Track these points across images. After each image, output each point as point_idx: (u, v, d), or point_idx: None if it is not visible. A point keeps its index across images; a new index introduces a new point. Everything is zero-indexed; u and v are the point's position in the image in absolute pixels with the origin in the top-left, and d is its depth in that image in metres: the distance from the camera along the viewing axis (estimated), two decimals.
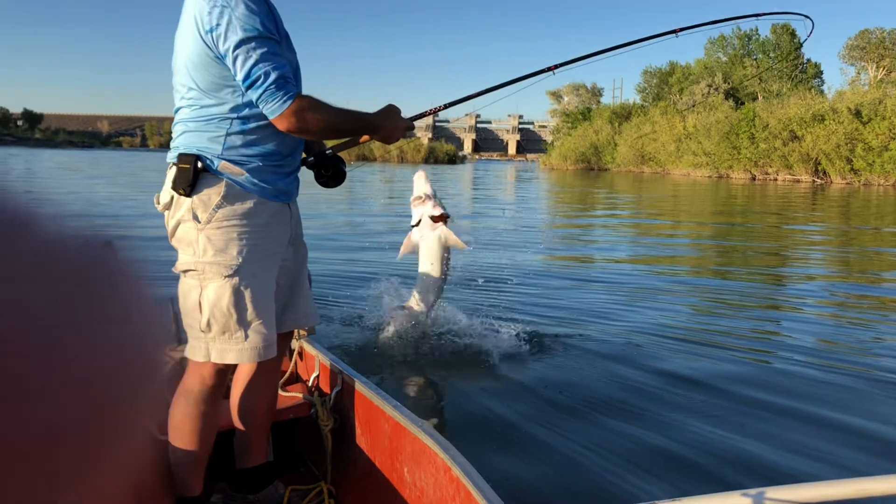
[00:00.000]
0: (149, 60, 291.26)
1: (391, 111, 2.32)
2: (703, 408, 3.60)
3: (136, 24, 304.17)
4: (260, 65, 1.94)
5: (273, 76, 1.95)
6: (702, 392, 3.82)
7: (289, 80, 2.00)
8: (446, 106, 2.82)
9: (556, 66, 2.98)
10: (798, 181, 39.42)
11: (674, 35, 3.26)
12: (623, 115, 65.29)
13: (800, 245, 11.30)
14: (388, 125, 2.29)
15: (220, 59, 1.97)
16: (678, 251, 10.31)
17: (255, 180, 2.08)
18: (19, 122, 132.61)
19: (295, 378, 3.05)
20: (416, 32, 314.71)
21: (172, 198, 2.08)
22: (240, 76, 1.96)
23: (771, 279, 7.84)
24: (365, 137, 2.38)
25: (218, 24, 1.92)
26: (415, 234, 4.29)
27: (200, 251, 2.06)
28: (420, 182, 4.37)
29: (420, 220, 4.27)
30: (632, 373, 4.10)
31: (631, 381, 3.97)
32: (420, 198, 4.30)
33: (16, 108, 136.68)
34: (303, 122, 2.01)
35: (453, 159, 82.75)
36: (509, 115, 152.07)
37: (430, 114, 2.75)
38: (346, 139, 2.45)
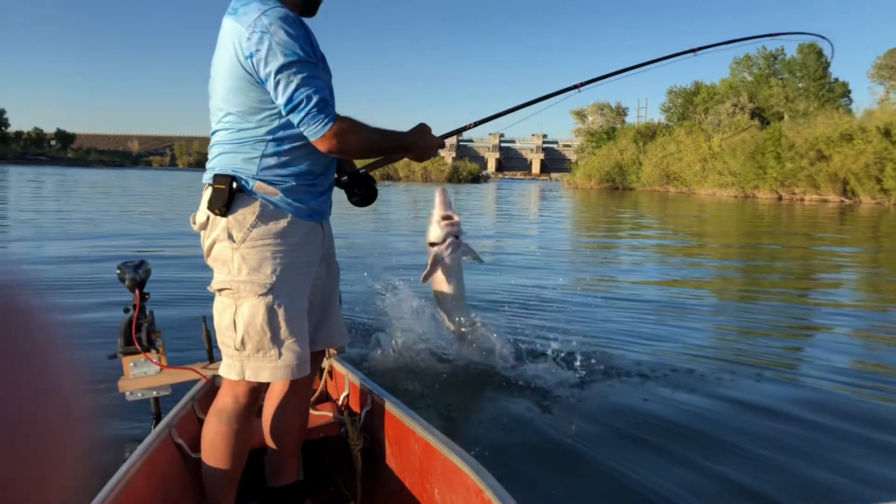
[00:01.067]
0: (179, 81, 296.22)
1: (424, 129, 2.34)
2: (755, 430, 3.54)
3: (166, 45, 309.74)
4: (301, 89, 1.97)
5: (314, 100, 1.98)
6: (751, 414, 3.76)
7: (329, 103, 2.04)
8: (476, 124, 2.84)
9: (582, 84, 3.00)
10: (826, 201, 38.91)
11: (692, 54, 3.27)
12: (648, 134, 64.95)
13: (833, 267, 11.14)
14: (421, 143, 2.32)
15: (261, 83, 2.00)
16: (709, 272, 10.17)
17: (290, 200, 2.11)
18: (52, 142, 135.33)
19: (325, 397, 3.06)
20: (439, 51, 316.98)
21: (208, 218, 2.12)
22: (281, 100, 1.99)
23: (807, 301, 7.73)
24: (400, 156, 2.41)
25: (258, 50, 1.96)
26: (439, 256, 4.16)
27: (235, 270, 2.09)
28: (446, 200, 4.24)
29: (445, 239, 4.14)
30: (674, 395, 4.04)
31: (674, 404, 3.90)
32: (450, 217, 4.19)
33: (49, 128, 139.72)
34: (343, 143, 2.05)
35: (477, 178, 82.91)
36: (533, 135, 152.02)
37: (459, 132, 2.77)
38: (380, 158, 2.49)
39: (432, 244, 4.19)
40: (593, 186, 63.11)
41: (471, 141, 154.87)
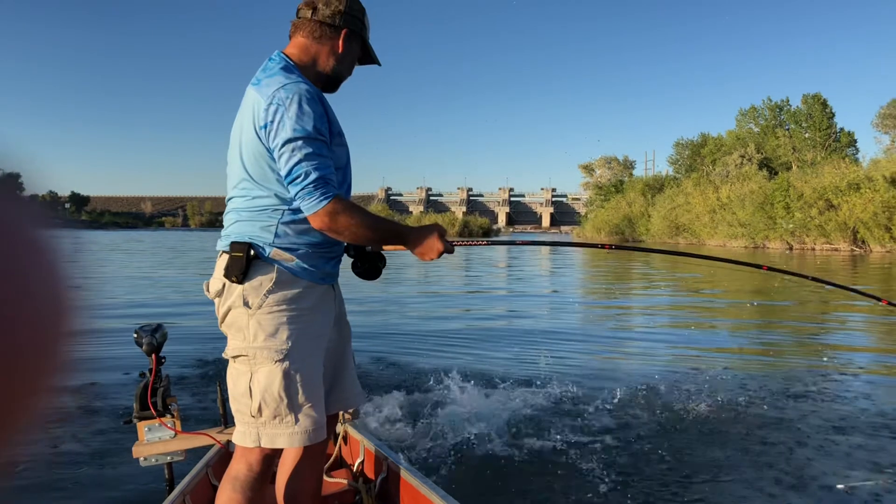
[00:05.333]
0: (191, 142, 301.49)
1: (432, 231, 2.25)
2: None
3: (178, 107, 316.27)
4: (302, 164, 2.01)
5: (313, 176, 2.01)
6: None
7: (329, 181, 2.05)
8: (490, 243, 2.79)
9: (610, 246, 3.00)
10: (836, 250, 38.77)
11: (760, 268, 3.11)
12: (656, 186, 65.43)
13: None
14: (424, 244, 2.23)
15: (270, 152, 2.06)
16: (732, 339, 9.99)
17: (305, 265, 2.14)
18: (67, 205, 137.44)
19: (339, 463, 3.03)
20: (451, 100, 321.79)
21: (224, 285, 2.14)
22: (283, 172, 2.04)
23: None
24: (398, 247, 2.29)
25: (271, 121, 2.02)
26: None
27: (251, 336, 2.09)
28: None
29: None
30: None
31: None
32: None
33: (64, 192, 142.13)
34: (334, 223, 2.05)
35: (487, 232, 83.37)
36: (542, 189, 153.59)
37: (473, 244, 2.73)
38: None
39: None
40: (603, 239, 63.17)
41: (481, 196, 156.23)
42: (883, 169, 39.47)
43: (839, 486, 3.52)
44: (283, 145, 2.01)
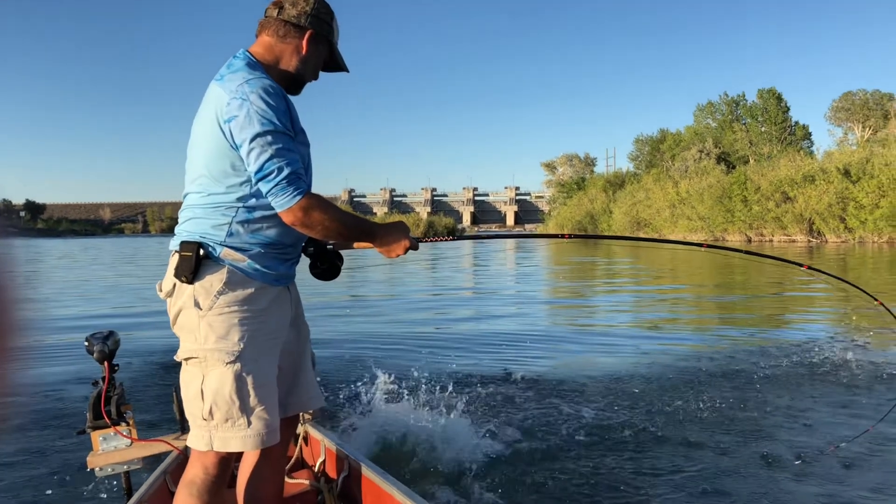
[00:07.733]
0: (150, 147, 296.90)
1: (399, 228, 2.29)
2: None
3: (136, 112, 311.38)
4: (274, 159, 1.97)
5: (286, 171, 1.98)
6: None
7: (300, 176, 2.03)
8: (454, 238, 2.75)
9: (569, 236, 3.03)
10: (794, 241, 39.69)
11: (699, 247, 3.27)
12: (617, 183, 66.40)
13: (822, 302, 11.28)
14: (390, 240, 2.26)
15: (235, 148, 2.01)
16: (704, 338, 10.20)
17: (258, 266, 2.10)
18: (22, 213, 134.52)
19: (301, 464, 3.01)
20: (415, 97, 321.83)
21: (175, 285, 2.10)
22: (253, 168, 1.99)
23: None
24: (366, 244, 2.31)
25: (236, 116, 1.97)
26: None
27: (202, 338, 2.05)
28: None
29: None
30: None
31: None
32: None
33: (18, 200, 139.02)
34: (308, 219, 2.03)
35: (452, 232, 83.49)
36: (506, 187, 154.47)
37: (438, 240, 2.72)
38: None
39: None
40: None
41: (445, 196, 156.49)
42: (836, 161, 40.55)
43: (796, 462, 3.62)
44: (252, 140, 1.96)
